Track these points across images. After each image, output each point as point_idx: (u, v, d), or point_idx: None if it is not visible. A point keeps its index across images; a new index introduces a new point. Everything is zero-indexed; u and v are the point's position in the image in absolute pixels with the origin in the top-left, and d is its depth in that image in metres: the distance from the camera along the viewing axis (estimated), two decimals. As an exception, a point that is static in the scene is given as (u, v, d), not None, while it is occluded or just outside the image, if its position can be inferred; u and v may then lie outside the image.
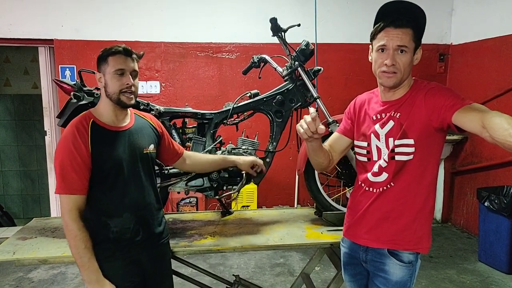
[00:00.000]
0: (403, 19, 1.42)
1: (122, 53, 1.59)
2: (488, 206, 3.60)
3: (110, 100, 1.61)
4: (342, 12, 4.69)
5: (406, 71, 1.45)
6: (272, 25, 2.30)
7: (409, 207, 1.51)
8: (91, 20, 4.36)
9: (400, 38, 1.41)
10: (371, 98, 1.63)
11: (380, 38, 1.45)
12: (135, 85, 1.63)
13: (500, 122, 1.16)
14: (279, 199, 4.86)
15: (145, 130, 1.75)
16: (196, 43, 4.58)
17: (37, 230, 2.28)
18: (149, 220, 1.70)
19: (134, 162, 1.64)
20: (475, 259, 3.86)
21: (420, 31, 1.46)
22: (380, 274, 1.56)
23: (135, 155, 1.65)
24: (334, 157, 1.70)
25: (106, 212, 1.61)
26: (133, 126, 1.70)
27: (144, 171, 1.69)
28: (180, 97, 4.60)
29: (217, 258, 3.90)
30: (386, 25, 1.43)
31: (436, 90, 1.43)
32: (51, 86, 4.52)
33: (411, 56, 1.46)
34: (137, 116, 1.78)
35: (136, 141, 1.67)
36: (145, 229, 1.68)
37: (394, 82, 1.46)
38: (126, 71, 1.59)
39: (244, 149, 2.27)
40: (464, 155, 4.65)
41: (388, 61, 1.43)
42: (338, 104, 4.50)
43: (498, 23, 4.11)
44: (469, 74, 4.60)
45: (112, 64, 1.58)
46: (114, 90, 1.59)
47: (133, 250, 1.65)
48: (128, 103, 1.62)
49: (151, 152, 1.73)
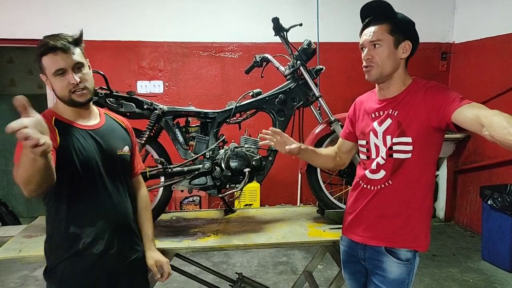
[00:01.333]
0: (373, 16, 1.50)
1: (52, 51, 1.36)
2: (491, 204, 3.59)
3: (64, 103, 1.44)
4: (344, 11, 4.70)
5: (385, 64, 1.48)
6: (274, 25, 2.32)
7: (406, 205, 1.52)
8: (95, 20, 4.38)
9: (371, 34, 1.48)
10: (370, 97, 1.66)
11: (360, 39, 1.54)
12: (83, 79, 1.41)
13: (499, 121, 1.18)
14: (282, 197, 4.87)
15: (118, 131, 1.59)
16: (199, 43, 4.60)
17: (42, 228, 2.28)
18: (126, 231, 1.54)
19: (107, 164, 1.47)
20: (478, 258, 3.87)
21: (399, 25, 1.48)
22: (378, 272, 1.57)
23: (107, 156, 1.48)
24: (343, 158, 1.82)
25: (76, 221, 1.42)
26: (103, 126, 1.54)
27: (119, 176, 1.53)
28: (183, 96, 4.62)
29: (220, 256, 3.92)
30: (362, 27, 1.54)
31: (435, 89, 1.44)
32: (55, 86, 4.55)
33: (389, 49, 1.47)
34: (108, 116, 1.61)
35: (108, 142, 1.50)
36: (121, 242, 1.50)
37: (374, 75, 1.51)
38: (67, 69, 1.38)
39: (246, 147, 2.29)
40: (467, 154, 4.65)
41: (363, 55, 1.51)
42: (340, 103, 4.52)
43: (500, 21, 4.10)
44: (471, 73, 4.59)
45: (47, 65, 1.38)
46: (62, 93, 1.41)
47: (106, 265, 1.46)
48: (83, 101, 1.43)
49: (125, 154, 1.57)
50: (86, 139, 1.45)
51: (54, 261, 1.45)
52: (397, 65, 1.50)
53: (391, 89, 1.53)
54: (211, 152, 2.29)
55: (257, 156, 2.26)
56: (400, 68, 1.51)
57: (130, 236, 1.58)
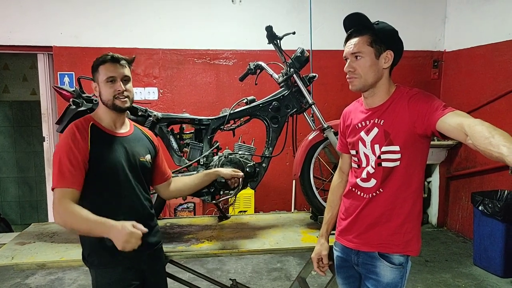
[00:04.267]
0: (353, 30, 1.53)
1: (110, 61, 1.65)
2: (482, 210, 3.64)
3: (106, 107, 1.67)
4: (337, 19, 4.69)
5: (368, 74, 1.51)
6: (268, 33, 2.35)
7: (397, 211, 1.54)
8: (90, 27, 4.40)
9: (352, 46, 1.51)
10: (357, 107, 1.68)
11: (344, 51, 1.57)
12: (127, 90, 1.68)
13: (481, 131, 1.20)
14: (276, 204, 4.88)
15: (143, 141, 1.81)
16: (193, 50, 4.63)
17: (35, 235, 2.30)
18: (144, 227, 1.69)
19: (130, 167, 1.67)
20: (470, 263, 3.90)
21: (380, 36, 1.50)
22: (371, 276, 1.59)
23: (132, 160, 1.69)
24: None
25: (101, 214, 1.55)
26: (131, 134, 1.77)
27: (140, 178, 1.72)
28: (178, 103, 4.64)
29: (214, 263, 3.91)
30: (345, 39, 1.57)
31: (419, 97, 1.46)
32: (49, 92, 4.55)
33: (370, 60, 1.49)
34: (137, 128, 1.85)
35: (133, 148, 1.72)
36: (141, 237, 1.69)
37: (357, 86, 1.54)
38: (117, 78, 1.65)
39: (240, 154, 2.31)
40: (458, 160, 4.70)
41: (345, 68, 1.55)
42: (334, 110, 4.58)
43: (491, 30, 4.18)
44: (463, 80, 4.66)
45: (102, 72, 1.65)
46: (107, 97, 1.65)
47: (129, 256, 1.60)
48: (123, 106, 1.68)
49: (147, 161, 1.77)
50: (115, 144, 1.67)
51: (89, 251, 1.65)
52: (380, 74, 1.52)
53: (376, 98, 1.56)
54: (205, 159, 2.30)
55: (251, 163, 2.28)
56: (384, 77, 1.53)
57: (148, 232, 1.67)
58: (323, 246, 1.79)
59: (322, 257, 1.78)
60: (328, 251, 1.79)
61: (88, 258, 1.66)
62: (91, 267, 1.67)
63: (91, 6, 4.39)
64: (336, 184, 1.84)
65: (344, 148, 1.75)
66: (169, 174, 1.96)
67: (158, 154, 1.89)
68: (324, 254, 1.78)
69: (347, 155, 1.76)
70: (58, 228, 2.44)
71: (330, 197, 1.85)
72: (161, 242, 1.85)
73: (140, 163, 1.72)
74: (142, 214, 1.71)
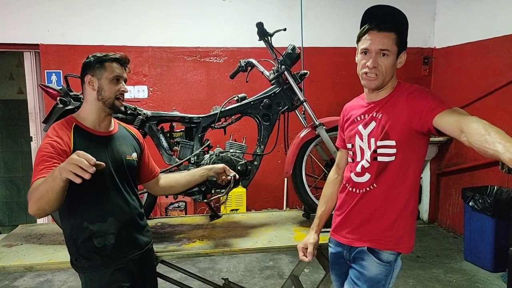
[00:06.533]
0: (387, 23, 1.46)
1: (119, 61, 1.66)
2: (472, 206, 3.67)
3: (102, 104, 1.63)
4: (328, 16, 4.75)
5: (388, 74, 1.49)
6: (259, 30, 2.33)
7: (391, 207, 1.54)
8: (77, 25, 4.33)
9: (383, 42, 1.45)
10: (358, 102, 1.68)
11: (364, 40, 1.49)
12: (126, 92, 1.70)
13: (477, 128, 1.20)
14: (268, 202, 4.87)
15: (128, 139, 1.77)
16: (183, 48, 4.59)
17: (22, 237, 2.26)
18: (134, 227, 1.69)
19: (117, 167, 1.64)
20: (461, 258, 3.93)
21: (403, 37, 1.50)
22: (355, 267, 1.59)
23: (118, 160, 1.65)
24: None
25: (88, 216, 1.57)
26: (116, 133, 1.73)
27: (127, 178, 1.69)
28: (168, 101, 4.60)
29: (206, 262, 3.89)
30: (371, 28, 1.47)
31: (418, 93, 1.46)
32: (36, 91, 4.47)
33: (393, 60, 1.49)
34: (121, 126, 1.81)
35: (119, 147, 1.69)
36: (130, 236, 1.67)
37: (376, 84, 1.50)
38: (121, 79, 1.67)
39: (232, 152, 2.28)
40: (449, 156, 4.74)
41: (370, 63, 1.46)
42: (326, 107, 4.58)
43: (480, 27, 4.21)
44: (453, 77, 4.69)
45: (110, 70, 1.63)
46: (110, 95, 1.63)
47: (119, 257, 1.63)
48: (120, 108, 1.69)
49: (134, 160, 1.73)
50: (100, 145, 1.63)
51: (76, 256, 1.60)
52: (394, 74, 1.52)
53: (381, 93, 1.55)
54: (196, 157, 2.28)
55: (242, 161, 2.26)
56: (394, 76, 1.54)
57: (138, 231, 1.72)
58: (311, 236, 1.76)
59: (307, 246, 1.73)
60: (316, 241, 1.75)
61: (77, 263, 1.62)
62: (80, 272, 1.63)
63: (78, 3, 4.32)
64: (332, 179, 1.83)
65: (343, 144, 1.74)
66: (157, 171, 1.92)
67: (144, 151, 1.86)
68: (311, 242, 1.73)
69: (344, 151, 1.74)
70: (46, 230, 2.39)
71: (324, 191, 1.84)
72: (151, 242, 1.82)
73: (126, 162, 1.69)
74: (131, 213, 1.68)
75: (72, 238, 1.59)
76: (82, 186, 1.50)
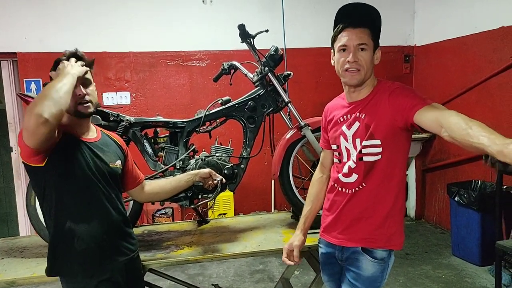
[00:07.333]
0: (361, 19, 1.49)
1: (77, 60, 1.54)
2: (458, 201, 3.71)
3: (67, 113, 1.50)
4: (309, 17, 4.77)
5: (368, 69, 1.49)
6: (241, 32, 2.32)
7: (381, 205, 1.54)
8: (56, 31, 4.23)
9: (360, 36, 1.47)
10: (338, 102, 1.67)
11: (340, 38, 1.51)
12: (89, 94, 1.55)
13: (457, 122, 1.20)
14: (256, 205, 4.85)
15: (112, 147, 1.71)
16: (165, 52, 4.54)
17: (3, 251, 2.19)
18: (118, 233, 1.65)
19: (100, 175, 1.58)
20: (449, 254, 3.97)
21: (377, 32, 1.51)
22: (352, 269, 1.58)
23: (101, 167, 1.59)
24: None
25: (73, 215, 1.51)
26: (99, 140, 1.66)
27: (111, 185, 1.63)
28: (152, 107, 4.54)
29: (196, 268, 3.84)
30: (345, 26, 1.50)
31: (400, 91, 1.46)
32: (15, 100, 4.36)
33: (372, 54, 1.50)
34: (104, 133, 1.74)
35: (103, 154, 1.62)
36: (113, 242, 1.61)
37: (358, 79, 1.50)
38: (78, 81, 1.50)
39: (218, 156, 2.26)
40: (433, 152, 4.79)
41: (350, 58, 1.47)
42: (310, 108, 4.59)
43: (458, 24, 4.28)
44: (433, 74, 4.76)
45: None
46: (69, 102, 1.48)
47: (102, 264, 1.57)
48: (86, 112, 1.56)
49: (117, 167, 1.67)
50: (84, 149, 1.55)
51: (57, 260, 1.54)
52: (372, 72, 1.53)
53: (362, 92, 1.55)
54: (181, 163, 2.24)
55: (228, 165, 2.24)
56: (372, 73, 1.54)
57: (122, 238, 1.66)
58: (297, 237, 1.74)
59: (293, 249, 1.72)
60: (301, 243, 1.72)
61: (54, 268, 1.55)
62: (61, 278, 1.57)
63: (56, 9, 4.23)
64: (317, 179, 1.82)
65: (327, 144, 1.74)
66: (141, 178, 1.87)
67: (128, 158, 1.80)
68: (296, 245, 1.71)
69: (329, 151, 1.74)
70: (29, 242, 2.32)
71: (309, 191, 1.82)
72: (137, 251, 1.76)
73: (110, 170, 1.63)
74: (116, 219, 1.62)
75: (53, 241, 1.54)
76: (67, 193, 1.51)
